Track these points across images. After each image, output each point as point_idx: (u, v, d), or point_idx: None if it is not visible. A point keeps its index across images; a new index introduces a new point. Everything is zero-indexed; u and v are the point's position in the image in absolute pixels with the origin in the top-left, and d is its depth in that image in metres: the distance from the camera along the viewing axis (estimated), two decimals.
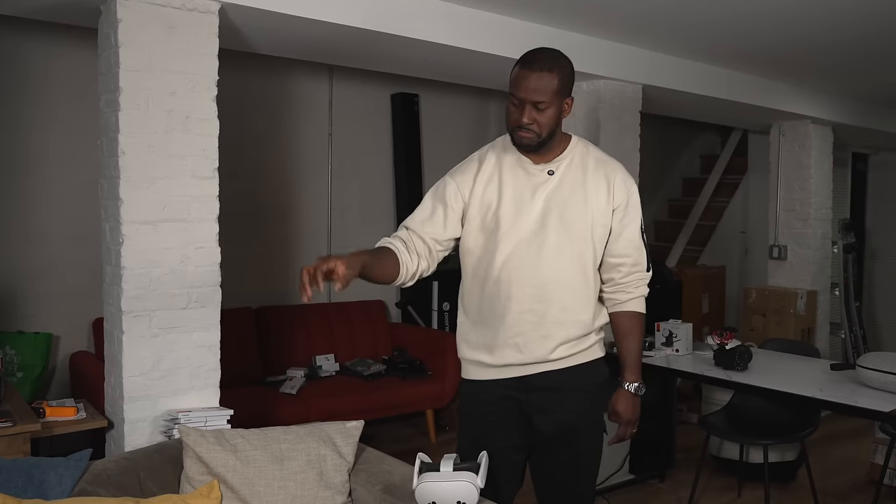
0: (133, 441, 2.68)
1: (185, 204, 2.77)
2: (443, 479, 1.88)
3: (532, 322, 2.05)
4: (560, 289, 2.05)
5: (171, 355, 2.75)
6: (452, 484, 1.87)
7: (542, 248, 2.04)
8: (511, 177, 2.07)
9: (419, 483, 1.89)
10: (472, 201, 2.09)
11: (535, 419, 2.13)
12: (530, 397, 2.11)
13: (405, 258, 2.04)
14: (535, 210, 2.04)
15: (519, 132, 2.00)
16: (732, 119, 6.19)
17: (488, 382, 2.13)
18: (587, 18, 3.66)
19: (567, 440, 2.13)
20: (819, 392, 3.14)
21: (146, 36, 2.67)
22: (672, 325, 3.86)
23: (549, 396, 2.11)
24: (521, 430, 2.15)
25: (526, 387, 2.11)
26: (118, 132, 2.64)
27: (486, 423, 2.15)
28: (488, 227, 2.07)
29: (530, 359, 2.08)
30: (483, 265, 2.08)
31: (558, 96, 1.98)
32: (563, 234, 2.05)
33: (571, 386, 2.12)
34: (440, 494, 1.88)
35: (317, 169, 5.13)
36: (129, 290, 2.67)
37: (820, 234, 5.76)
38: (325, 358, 4.78)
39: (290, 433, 2.38)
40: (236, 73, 3.82)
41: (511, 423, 2.14)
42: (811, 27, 3.72)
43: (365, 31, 3.20)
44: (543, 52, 2.01)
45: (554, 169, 2.07)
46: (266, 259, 4.91)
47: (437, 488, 1.88)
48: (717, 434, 3.84)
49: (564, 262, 2.05)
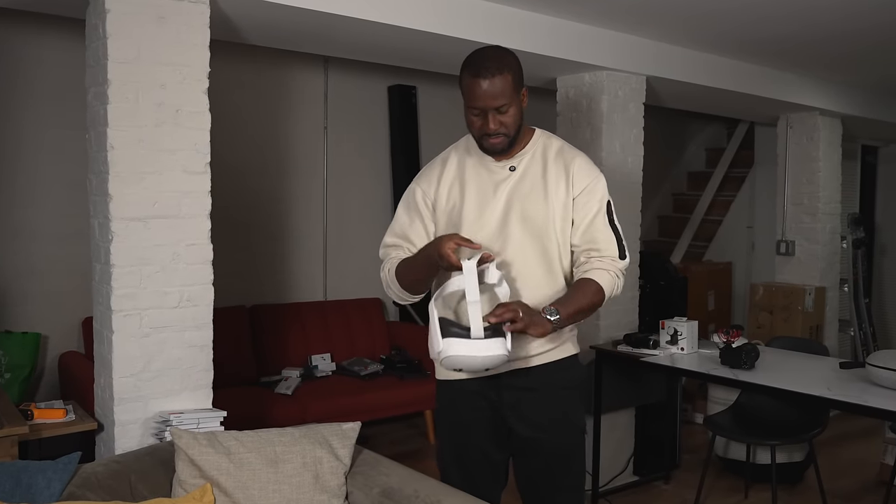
0: (123, 444, 2.68)
1: (177, 200, 2.76)
2: (473, 349, 1.83)
3: None
4: (526, 285, 2.06)
5: (163, 355, 2.75)
6: (484, 355, 1.83)
7: (506, 246, 2.07)
8: (473, 175, 2.11)
9: (446, 351, 1.84)
10: (438, 203, 2.14)
11: (510, 420, 2.14)
12: (503, 396, 2.12)
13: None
14: (497, 207, 2.08)
15: (489, 140, 2.03)
16: (739, 111, 6.18)
17: (459, 382, 2.15)
18: (590, 7, 3.65)
19: (544, 442, 2.13)
20: (828, 391, 3.14)
21: (135, 27, 2.66)
22: (677, 322, 3.86)
23: (523, 396, 2.12)
24: (497, 431, 2.16)
25: (497, 385, 2.11)
26: (107, 126, 2.64)
27: (462, 425, 2.17)
28: (453, 227, 2.10)
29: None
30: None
31: (515, 93, 2.01)
32: (525, 229, 2.07)
33: (545, 385, 2.12)
34: (470, 365, 1.86)
35: (312, 163, 5.12)
36: (118, 289, 2.66)
37: (829, 228, 5.75)
38: (321, 357, 4.78)
39: (285, 435, 2.38)
40: (228, 65, 3.81)
41: (486, 423, 2.15)
42: (821, 17, 3.71)
43: (361, 21, 3.19)
44: (488, 56, 2.01)
45: (515, 164, 2.10)
46: (260, 256, 4.91)
47: (468, 359, 1.84)
48: (723, 434, 3.84)
49: (529, 259, 2.07)
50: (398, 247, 2.17)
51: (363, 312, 5.12)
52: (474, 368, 1.89)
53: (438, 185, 2.15)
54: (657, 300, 4.47)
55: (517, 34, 3.60)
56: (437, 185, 2.15)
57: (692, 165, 7.67)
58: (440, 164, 2.18)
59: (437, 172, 2.16)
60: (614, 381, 4.04)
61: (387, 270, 2.14)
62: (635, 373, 4.10)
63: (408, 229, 2.17)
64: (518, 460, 2.21)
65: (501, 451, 2.19)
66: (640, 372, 4.06)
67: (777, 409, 3.80)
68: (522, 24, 3.62)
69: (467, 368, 1.89)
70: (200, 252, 2.82)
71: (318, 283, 5.18)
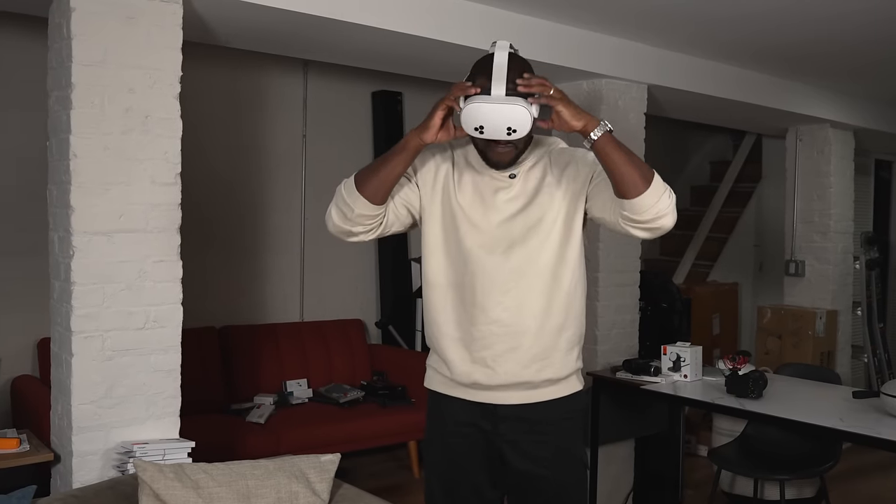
0: (82, 477, 2.65)
1: (144, 213, 2.76)
2: (494, 101, 1.88)
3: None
4: (528, 294, 2.06)
5: (126, 381, 2.73)
6: (505, 107, 1.87)
7: (510, 252, 2.06)
8: (472, 175, 2.10)
9: (466, 105, 1.89)
10: (424, 175, 2.11)
11: (507, 453, 2.12)
12: (499, 428, 2.11)
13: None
14: (497, 212, 2.07)
15: (496, 149, 2.01)
16: (745, 122, 6.25)
17: (449, 399, 2.14)
18: (590, 13, 3.69)
19: (545, 478, 2.12)
20: (840, 422, 3.16)
21: (102, 27, 2.67)
22: (679, 348, 3.88)
23: (520, 428, 2.10)
24: (491, 465, 2.14)
25: (493, 416, 2.11)
26: (70, 133, 2.64)
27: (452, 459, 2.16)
28: (450, 212, 2.09)
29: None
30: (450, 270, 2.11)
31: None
32: (527, 237, 2.06)
33: (544, 416, 2.11)
34: (490, 117, 1.89)
35: (289, 174, 5.13)
36: (79, 308, 2.65)
37: (840, 248, 5.81)
38: (296, 383, 4.76)
39: (259, 468, 2.37)
40: (201, 68, 3.83)
41: (480, 456, 2.13)
42: (833, 26, 3.77)
43: (343, 23, 3.21)
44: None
45: (516, 172, 2.09)
46: (232, 273, 4.90)
47: (489, 109, 1.88)
48: (729, 468, 3.85)
49: (531, 266, 2.06)
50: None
51: (343, 334, 5.10)
52: (495, 121, 1.90)
53: (432, 158, 2.13)
54: (659, 323, 4.49)
55: (512, 39, 3.58)
56: (429, 159, 2.13)
57: (696, 179, 7.74)
58: (437, 148, 2.15)
59: (431, 153, 2.14)
60: (612, 411, 4.04)
61: (343, 183, 2.06)
62: (635, 402, 4.10)
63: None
64: (514, 498, 2.19)
65: (495, 488, 2.18)
66: (641, 401, 4.06)
67: (786, 441, 3.82)
68: (518, 29, 3.66)
69: (488, 123, 1.90)
70: (169, 269, 2.82)
71: (295, 302, 5.17)
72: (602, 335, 4.23)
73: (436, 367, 2.17)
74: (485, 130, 1.91)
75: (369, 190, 2.00)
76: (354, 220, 2.03)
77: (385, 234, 2.13)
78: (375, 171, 2.00)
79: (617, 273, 4.29)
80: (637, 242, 4.37)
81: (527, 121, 1.89)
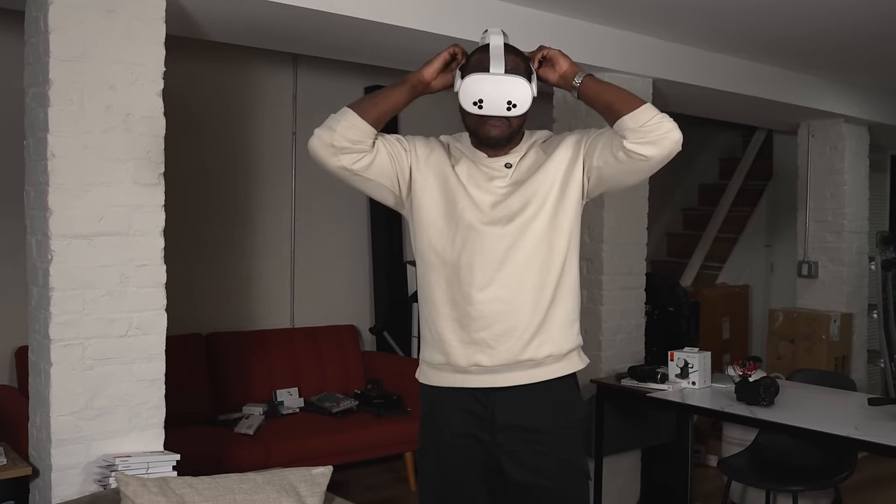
0: (62, 491, 2.65)
1: (126, 215, 2.76)
2: (495, 75, 1.96)
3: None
4: (522, 277, 2.11)
5: (108, 391, 2.73)
6: (507, 78, 1.95)
7: (504, 232, 2.11)
8: (468, 164, 2.15)
9: (465, 79, 1.97)
10: (417, 153, 2.17)
11: (506, 465, 2.13)
12: (497, 439, 2.12)
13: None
14: (491, 195, 2.11)
15: (488, 123, 2.06)
16: (755, 117, 6.26)
17: (445, 394, 2.16)
18: (594, 4, 3.70)
19: (546, 490, 2.13)
20: (855, 430, 3.17)
21: (81, 20, 2.67)
22: (687, 354, 3.88)
23: (519, 437, 2.11)
24: (490, 478, 2.15)
25: (491, 425, 2.11)
26: (47, 131, 2.64)
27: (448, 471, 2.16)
28: (445, 196, 2.14)
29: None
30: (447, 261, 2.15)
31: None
32: (524, 221, 2.10)
33: (545, 425, 2.13)
34: (489, 90, 1.95)
35: (279, 173, 5.13)
36: (58, 315, 2.65)
37: (855, 248, 5.82)
38: (287, 392, 4.76)
39: (247, 481, 2.37)
40: (186, 63, 3.82)
41: (477, 468, 2.14)
42: (844, 17, 3.78)
43: (334, 16, 3.22)
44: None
45: (511, 161, 2.15)
46: (219, 277, 4.89)
47: (488, 84, 1.95)
48: (740, 479, 3.85)
49: (524, 250, 2.11)
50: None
51: (335, 341, 5.10)
52: (496, 96, 1.96)
53: (427, 141, 2.21)
54: (665, 328, 4.50)
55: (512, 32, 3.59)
56: (425, 141, 2.21)
57: (704, 177, 7.75)
58: (433, 139, 2.24)
59: (426, 139, 2.23)
60: (617, 420, 4.05)
61: (337, 112, 2.13)
62: (641, 410, 4.11)
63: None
64: None
65: (493, 501, 2.18)
66: (647, 409, 4.07)
67: (799, 450, 3.82)
68: (519, 22, 3.66)
69: (488, 97, 1.96)
70: (152, 274, 2.82)
71: (285, 307, 5.17)
72: (606, 341, 4.23)
73: (429, 358, 2.18)
74: (484, 105, 1.97)
75: (361, 108, 2.09)
76: (342, 135, 2.08)
77: (367, 170, 2.14)
78: (372, 97, 2.14)
79: (622, 276, 4.29)
80: (642, 244, 4.38)
81: (527, 96, 1.97)
